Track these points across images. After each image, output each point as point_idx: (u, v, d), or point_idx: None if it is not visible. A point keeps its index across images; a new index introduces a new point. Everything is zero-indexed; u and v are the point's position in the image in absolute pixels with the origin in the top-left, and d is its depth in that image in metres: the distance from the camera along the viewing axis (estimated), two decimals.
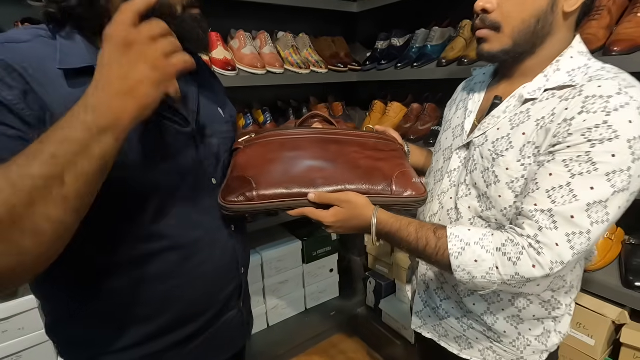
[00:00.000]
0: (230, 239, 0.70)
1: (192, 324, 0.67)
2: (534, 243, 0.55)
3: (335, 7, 1.58)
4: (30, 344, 1.12)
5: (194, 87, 0.66)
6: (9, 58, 0.46)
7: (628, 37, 0.87)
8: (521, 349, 0.72)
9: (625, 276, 0.96)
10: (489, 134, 0.66)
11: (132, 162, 0.54)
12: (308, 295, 1.79)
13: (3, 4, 1.12)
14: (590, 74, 0.57)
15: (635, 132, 0.51)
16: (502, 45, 0.62)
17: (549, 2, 0.58)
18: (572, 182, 0.53)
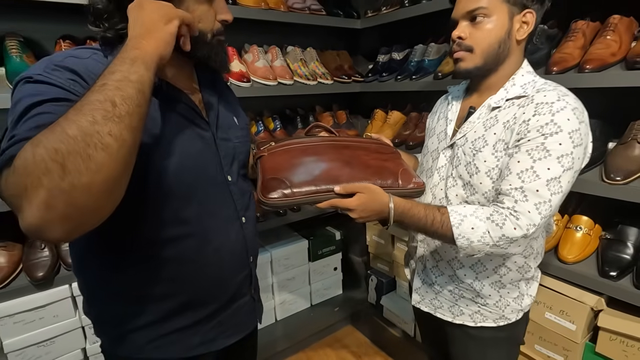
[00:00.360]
0: (240, 230, 0.79)
1: (207, 305, 0.75)
2: (512, 212, 0.72)
3: (340, 24, 1.71)
4: (63, 331, 1.22)
5: (215, 99, 0.77)
6: (75, 66, 0.58)
7: (598, 57, 1.00)
8: (502, 308, 0.89)
9: (601, 267, 1.08)
10: (468, 135, 0.83)
11: (164, 157, 0.65)
12: (313, 291, 1.89)
13: (46, 22, 1.25)
14: (537, 87, 0.77)
15: (573, 126, 0.70)
16: (475, 63, 0.80)
17: (506, 31, 0.78)
18: (534, 165, 0.71)
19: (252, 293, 0.85)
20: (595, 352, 1.12)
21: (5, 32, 1.18)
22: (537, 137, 0.71)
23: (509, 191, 0.73)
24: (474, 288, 0.87)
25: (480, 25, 0.77)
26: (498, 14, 0.76)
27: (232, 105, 0.85)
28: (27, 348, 1.17)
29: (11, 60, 1.11)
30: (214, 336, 0.78)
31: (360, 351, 1.88)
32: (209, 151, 0.73)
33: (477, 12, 0.77)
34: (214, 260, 0.73)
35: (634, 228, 1.07)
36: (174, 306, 0.72)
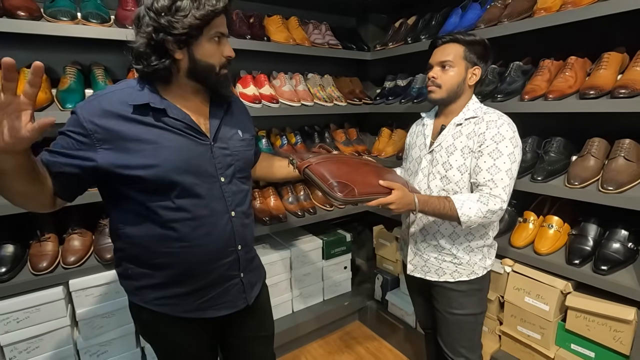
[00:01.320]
0: (229, 222, 0.95)
1: (198, 279, 0.94)
2: (491, 195, 1.08)
3: (353, 55, 2.02)
4: (122, 305, 1.46)
5: (219, 117, 0.95)
6: (94, 110, 0.82)
7: (559, 89, 1.28)
8: (472, 265, 1.23)
9: (568, 257, 1.32)
10: (442, 144, 1.20)
11: (169, 158, 0.84)
12: (326, 287, 2.11)
13: (121, 55, 1.56)
14: (484, 111, 1.17)
15: (511, 134, 1.10)
16: (441, 95, 1.18)
17: (463, 78, 1.16)
18: (495, 162, 1.09)
19: (241, 277, 1.01)
20: (565, 329, 1.35)
21: (92, 62, 1.50)
22: (492, 144, 1.09)
23: (485, 182, 1.10)
24: (452, 252, 1.21)
25: (447, 71, 1.15)
26: (459, 66, 1.15)
27: (238, 122, 1.01)
28: (94, 318, 1.41)
29: (98, 85, 1.41)
30: (206, 307, 0.98)
31: (367, 342, 2.09)
32: (206, 156, 0.91)
33: (446, 63, 1.15)
34: (202, 242, 0.92)
35: (593, 225, 1.32)
36: (172, 275, 0.92)
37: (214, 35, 0.85)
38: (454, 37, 1.14)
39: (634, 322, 1.17)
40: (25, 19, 1.18)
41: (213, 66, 0.88)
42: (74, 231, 1.41)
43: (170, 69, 0.86)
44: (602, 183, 1.19)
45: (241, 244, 0.99)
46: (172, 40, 0.81)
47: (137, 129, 0.83)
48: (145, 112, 0.84)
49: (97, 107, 0.82)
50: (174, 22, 0.79)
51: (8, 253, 1.30)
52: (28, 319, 1.29)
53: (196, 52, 0.85)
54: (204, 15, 0.80)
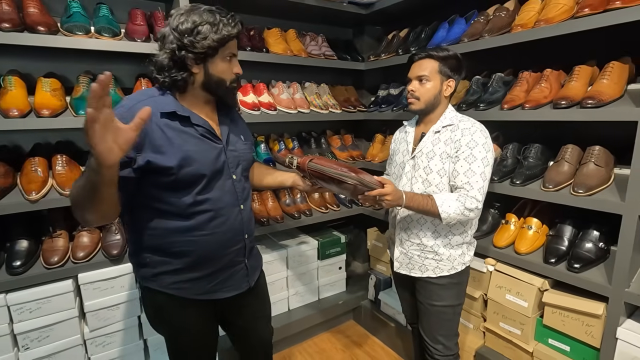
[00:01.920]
0: (239, 214, 1.10)
1: (212, 264, 1.07)
2: (468, 195, 1.17)
3: (348, 66, 2.13)
4: (126, 299, 1.55)
5: (227, 124, 1.10)
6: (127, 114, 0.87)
7: (535, 99, 1.38)
8: (452, 261, 1.31)
9: (545, 256, 1.40)
10: (423, 150, 1.30)
11: (194, 160, 0.98)
12: (321, 286, 2.20)
13: (129, 64, 1.68)
14: (459, 119, 1.27)
15: (483, 140, 1.20)
16: (419, 107, 1.28)
17: (438, 90, 1.26)
18: (471, 166, 1.18)
19: (245, 262, 1.15)
20: (543, 324, 1.43)
21: (102, 71, 1.61)
22: (467, 150, 1.19)
23: (462, 185, 1.19)
24: (434, 249, 1.30)
25: (424, 84, 1.26)
26: (435, 80, 1.25)
27: (240, 129, 1.17)
28: (100, 310, 1.51)
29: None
30: (216, 289, 1.11)
31: (360, 340, 2.16)
32: (221, 157, 1.05)
33: (423, 77, 1.25)
34: (219, 230, 1.05)
35: (568, 226, 1.41)
36: (189, 261, 1.05)
37: (227, 55, 1.00)
38: (429, 53, 1.24)
39: (603, 317, 1.25)
40: (44, 34, 1.29)
41: (224, 80, 1.02)
42: (83, 229, 1.51)
43: (187, 81, 1.00)
44: (573, 186, 1.28)
45: (247, 233, 1.14)
46: (192, 57, 0.96)
47: (166, 133, 0.96)
48: (172, 118, 0.98)
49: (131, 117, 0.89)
50: (195, 43, 0.94)
51: (22, 248, 1.40)
52: (40, 310, 1.38)
53: (211, 68, 0.99)
54: (220, 39, 0.95)
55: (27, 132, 1.56)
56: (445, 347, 1.35)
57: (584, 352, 1.33)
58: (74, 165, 1.50)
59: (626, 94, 1.24)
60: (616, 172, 1.30)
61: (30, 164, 1.40)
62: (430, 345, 1.37)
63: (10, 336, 1.35)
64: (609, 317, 1.23)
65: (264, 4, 1.83)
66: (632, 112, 1.12)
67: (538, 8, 1.39)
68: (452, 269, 1.31)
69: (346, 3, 2.01)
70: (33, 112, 1.35)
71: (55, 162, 1.45)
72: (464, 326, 1.69)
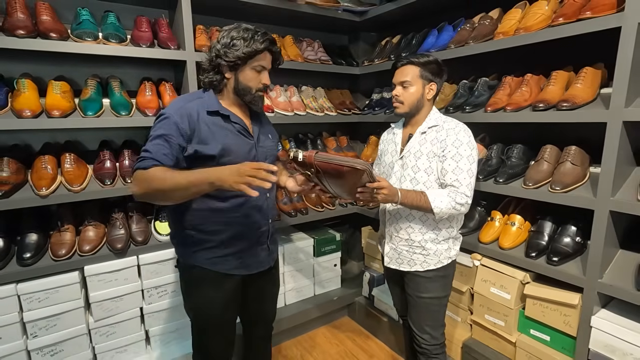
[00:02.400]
0: (265, 201, 1.27)
1: (241, 242, 1.25)
2: (458, 192, 1.25)
3: (343, 70, 2.22)
4: (130, 291, 1.63)
5: (257, 124, 1.29)
6: (183, 111, 1.12)
7: (516, 102, 1.46)
8: (439, 255, 1.38)
9: (527, 251, 1.48)
10: (410, 150, 1.36)
11: (232, 152, 1.16)
12: (317, 283, 2.27)
13: (133, 69, 1.77)
14: (444, 120, 1.34)
15: (467, 139, 1.28)
16: (404, 110, 1.36)
17: (421, 94, 1.34)
18: (458, 164, 1.25)
19: (268, 244, 1.34)
20: (525, 316, 1.50)
21: (109, 75, 1.71)
22: (453, 149, 1.27)
23: (452, 182, 1.27)
24: (421, 245, 1.37)
25: (407, 89, 1.34)
26: (417, 84, 1.33)
27: (267, 128, 1.36)
28: (104, 301, 1.59)
29: (114, 95, 1.61)
30: (243, 266, 1.28)
31: (354, 335, 2.24)
32: (252, 151, 1.23)
33: (405, 82, 1.33)
34: (248, 213, 1.24)
35: (548, 222, 1.48)
36: (224, 239, 1.22)
37: (255, 66, 1.17)
38: (410, 60, 1.33)
39: (578, 307, 1.32)
40: (56, 40, 1.39)
41: (250, 88, 1.20)
42: (89, 223, 1.59)
43: (220, 83, 1.20)
44: (551, 184, 1.36)
45: (271, 219, 1.33)
46: (225, 64, 1.16)
47: (210, 128, 1.15)
48: (214, 115, 1.17)
49: (184, 114, 1.12)
50: (228, 53, 1.14)
51: (32, 241, 1.48)
52: (48, 299, 1.46)
53: (240, 76, 1.18)
54: (248, 52, 1.14)
55: (37, 132, 1.66)
56: (432, 337, 1.42)
57: (563, 341, 1.40)
58: (81, 163, 1.59)
59: (599, 97, 1.32)
60: (592, 170, 1.39)
61: (40, 161, 1.49)
62: (418, 335, 1.44)
63: (20, 324, 1.43)
64: (584, 306, 1.30)
65: (264, 11, 1.92)
66: (602, 114, 1.20)
67: (519, 17, 1.48)
68: (439, 263, 1.38)
69: (341, 11, 2.11)
70: (44, 113, 1.44)
71: (64, 160, 1.53)
72: (452, 319, 1.77)
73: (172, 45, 1.62)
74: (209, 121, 1.15)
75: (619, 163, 1.19)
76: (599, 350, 1.27)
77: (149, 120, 1.61)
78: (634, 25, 1.09)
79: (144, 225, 1.70)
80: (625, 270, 1.26)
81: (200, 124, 1.13)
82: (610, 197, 1.20)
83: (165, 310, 1.75)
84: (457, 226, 1.41)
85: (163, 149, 1.06)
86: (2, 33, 1.34)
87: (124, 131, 1.82)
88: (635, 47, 1.11)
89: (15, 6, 1.37)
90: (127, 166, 1.64)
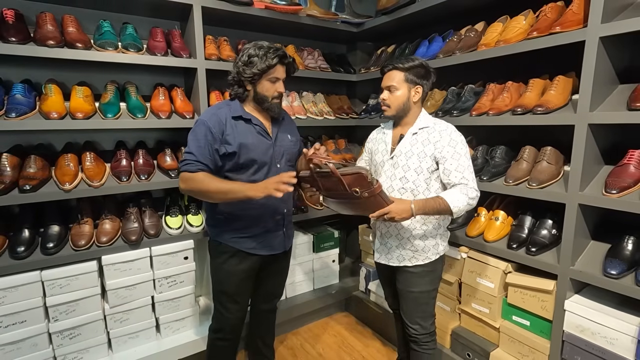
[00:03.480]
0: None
1: (259, 226, 1.47)
2: (468, 187, 1.32)
3: (341, 77, 2.38)
4: (142, 280, 1.75)
5: (276, 126, 1.49)
6: (214, 118, 1.38)
7: (497, 107, 1.61)
8: (427, 252, 1.45)
9: (508, 243, 1.61)
10: (401, 150, 1.43)
11: (250, 149, 1.38)
12: (316, 277, 2.40)
13: (148, 75, 1.92)
14: (434, 122, 1.43)
15: (460, 138, 1.38)
16: (391, 113, 1.45)
17: (407, 97, 1.41)
18: (459, 162, 1.33)
19: (284, 231, 1.56)
20: (507, 303, 1.63)
21: (126, 81, 1.86)
22: (450, 149, 1.34)
23: (459, 180, 1.33)
24: (410, 241, 1.45)
25: (393, 93, 1.41)
26: (402, 88, 1.40)
27: (288, 129, 1.55)
28: (119, 289, 1.71)
29: (131, 100, 1.76)
30: (261, 247, 1.51)
31: (351, 327, 2.36)
32: (269, 150, 1.44)
33: (391, 87, 1.41)
34: (265, 202, 1.43)
35: (528, 217, 1.62)
36: (245, 222, 1.46)
37: (271, 78, 1.38)
38: (395, 65, 1.40)
39: (554, 292, 1.45)
40: (81, 49, 1.54)
41: (267, 97, 1.41)
42: (106, 217, 1.73)
43: (244, 94, 1.42)
44: (529, 181, 1.50)
45: (286, 208, 1.54)
46: (245, 79, 1.37)
47: (236, 130, 1.38)
48: (239, 119, 1.40)
49: (216, 120, 1.36)
50: (247, 70, 1.35)
51: (54, 232, 1.62)
52: (69, 286, 1.59)
53: (258, 87, 1.39)
54: (263, 68, 1.34)
55: (59, 133, 1.80)
56: (422, 327, 1.50)
57: (541, 325, 1.53)
58: (99, 162, 1.73)
59: (570, 103, 1.47)
60: (565, 169, 1.52)
61: (64, 159, 1.63)
62: (410, 326, 1.52)
63: (42, 308, 1.56)
64: (559, 292, 1.43)
65: (268, 23, 2.07)
66: (570, 117, 1.35)
67: (500, 30, 1.63)
68: (427, 259, 1.44)
69: (339, 22, 2.26)
70: (69, 115, 1.58)
71: (85, 158, 1.67)
72: (442, 309, 1.89)
73: (185, 54, 1.77)
74: (234, 124, 1.38)
75: (586, 161, 1.33)
76: (572, 331, 1.39)
77: (163, 122, 1.76)
78: (595, 39, 1.24)
79: (155, 220, 1.83)
80: (595, 259, 1.40)
81: (227, 127, 1.37)
82: (579, 192, 1.34)
83: (174, 300, 1.87)
84: (444, 224, 1.49)
85: (202, 150, 1.34)
86: (33, 43, 1.49)
87: (138, 132, 1.97)
88: (597, 58, 1.25)
89: (46, 19, 1.52)
90: (142, 165, 1.78)
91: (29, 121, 1.49)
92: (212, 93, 1.95)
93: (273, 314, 1.79)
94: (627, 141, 1.41)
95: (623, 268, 1.27)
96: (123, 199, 1.87)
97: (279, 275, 1.70)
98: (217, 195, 1.33)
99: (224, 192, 1.31)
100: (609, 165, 1.43)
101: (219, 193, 1.32)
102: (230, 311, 1.53)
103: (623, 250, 1.31)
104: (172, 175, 1.79)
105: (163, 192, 2.06)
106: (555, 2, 1.49)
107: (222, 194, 1.32)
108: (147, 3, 1.72)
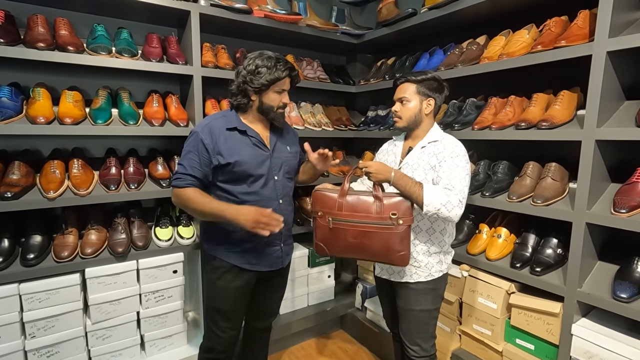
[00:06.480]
0: (278, 206, 1.41)
1: (255, 241, 1.38)
2: (451, 192, 1.25)
3: (340, 88, 2.34)
4: (128, 294, 1.66)
5: (275, 137, 1.44)
6: (208, 129, 1.32)
7: (500, 121, 1.57)
8: (430, 268, 1.41)
9: (512, 262, 1.55)
10: (408, 162, 1.40)
11: (245, 161, 1.33)
12: (310, 293, 2.31)
13: (141, 81, 1.87)
14: (443, 136, 1.40)
15: (463, 152, 1.34)
16: (402, 125, 1.43)
17: (419, 109, 1.40)
18: (452, 172, 1.29)
19: (281, 246, 1.47)
20: (511, 325, 1.56)
21: (119, 87, 1.80)
22: (449, 159, 1.32)
23: (444, 185, 1.28)
24: (413, 256, 1.39)
25: (405, 105, 1.41)
26: (414, 100, 1.39)
27: (287, 140, 1.51)
28: (103, 304, 1.62)
29: (123, 106, 1.70)
30: (256, 262, 1.43)
31: (346, 346, 2.26)
32: (266, 162, 1.39)
33: (403, 99, 1.41)
34: None
35: (532, 235, 1.56)
36: (240, 236, 1.38)
37: (277, 90, 1.35)
38: (407, 78, 1.42)
39: (560, 315, 1.38)
40: (73, 52, 1.48)
41: (272, 107, 1.38)
42: (92, 227, 1.65)
43: (247, 105, 1.38)
44: (533, 198, 1.44)
45: (284, 223, 1.38)
46: (251, 89, 1.34)
47: (230, 142, 1.34)
48: (234, 131, 1.36)
49: (208, 131, 1.33)
50: (254, 80, 1.32)
51: (36, 242, 1.53)
52: (48, 300, 1.50)
53: (263, 97, 1.35)
54: (271, 79, 1.31)
55: (47, 138, 1.73)
56: (422, 349, 1.44)
57: (546, 350, 1.45)
58: (87, 169, 1.66)
59: (575, 118, 1.43)
60: (571, 185, 1.48)
61: (49, 166, 1.56)
62: (409, 347, 1.46)
63: (19, 324, 1.46)
64: (565, 315, 1.36)
65: (267, 32, 2.04)
66: (577, 133, 1.31)
67: (502, 43, 1.61)
68: (429, 276, 1.40)
69: (339, 33, 2.24)
70: (57, 120, 1.52)
71: (72, 165, 1.61)
72: (442, 330, 1.81)
73: (181, 60, 1.73)
74: (228, 135, 1.34)
75: (594, 178, 1.29)
76: (580, 357, 1.32)
77: (156, 130, 1.70)
78: (603, 54, 1.21)
79: (144, 231, 1.75)
80: (603, 280, 1.34)
81: (220, 138, 1.33)
82: (586, 210, 1.29)
83: (161, 316, 1.78)
84: (448, 240, 1.45)
85: (194, 162, 1.32)
86: (23, 45, 1.43)
87: (129, 140, 1.91)
88: (605, 73, 1.22)
89: (37, 21, 1.47)
90: (132, 173, 1.71)
91: (15, 125, 1.43)
92: (208, 101, 1.90)
93: (267, 334, 1.72)
94: (633, 159, 1.37)
95: (634, 291, 1.21)
96: (111, 208, 1.79)
97: (275, 293, 1.62)
98: (203, 216, 1.34)
99: (213, 215, 1.29)
100: (616, 183, 1.38)
101: (204, 214, 1.32)
102: (223, 329, 1.45)
103: (633, 273, 1.25)
104: (164, 185, 1.72)
105: (154, 202, 1.99)
106: (559, 17, 1.47)
107: (211, 217, 1.31)
108: (143, 9, 1.68)
